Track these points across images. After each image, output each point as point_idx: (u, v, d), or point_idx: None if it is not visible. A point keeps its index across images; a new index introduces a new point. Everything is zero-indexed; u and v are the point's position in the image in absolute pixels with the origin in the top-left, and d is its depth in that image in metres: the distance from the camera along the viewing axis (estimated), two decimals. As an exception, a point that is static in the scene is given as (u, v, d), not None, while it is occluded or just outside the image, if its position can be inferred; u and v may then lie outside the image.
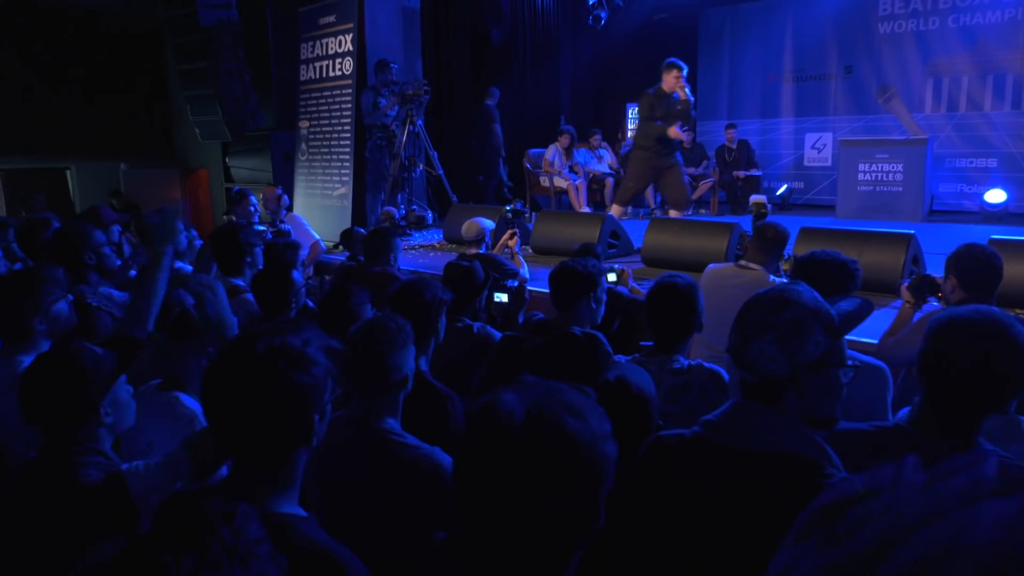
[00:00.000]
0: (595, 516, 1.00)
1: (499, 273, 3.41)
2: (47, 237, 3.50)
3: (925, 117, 9.23)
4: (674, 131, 6.06)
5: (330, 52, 7.59)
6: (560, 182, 8.80)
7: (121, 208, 10.58)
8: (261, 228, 5.41)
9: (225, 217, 6.15)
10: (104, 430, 1.73)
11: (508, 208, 4.88)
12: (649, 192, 9.12)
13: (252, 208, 5.80)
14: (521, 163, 9.41)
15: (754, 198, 4.53)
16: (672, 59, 6.11)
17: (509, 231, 4.85)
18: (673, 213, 6.27)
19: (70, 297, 2.68)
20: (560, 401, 0.97)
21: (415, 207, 7.89)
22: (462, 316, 3.10)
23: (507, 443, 0.94)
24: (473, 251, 4.44)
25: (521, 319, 3.40)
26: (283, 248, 3.78)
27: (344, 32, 7.39)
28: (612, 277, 3.98)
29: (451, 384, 2.42)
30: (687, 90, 6.07)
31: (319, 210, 7.42)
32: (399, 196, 7.66)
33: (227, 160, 9.74)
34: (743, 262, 3.42)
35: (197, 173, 11.88)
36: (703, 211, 9.38)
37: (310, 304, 3.24)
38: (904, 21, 9.22)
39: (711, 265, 3.57)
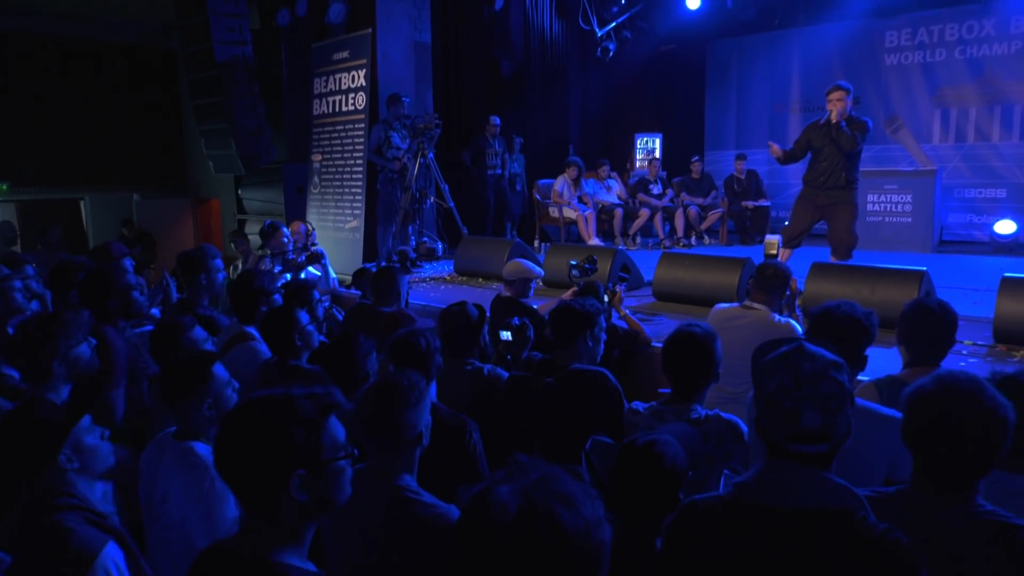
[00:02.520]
0: None
1: (535, 324, 3.36)
2: (78, 280, 3.54)
3: (933, 147, 9.25)
4: (773, 147, 5.47)
5: (343, 87, 7.69)
6: (569, 213, 8.84)
7: (132, 237, 10.72)
8: (292, 256, 5.46)
9: (258, 252, 6.19)
10: (74, 475, 1.78)
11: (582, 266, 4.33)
12: (657, 221, 9.15)
13: (285, 239, 5.84)
14: (531, 194, 9.48)
15: (769, 238, 4.52)
16: (836, 82, 5.43)
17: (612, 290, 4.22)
18: (833, 259, 5.38)
19: (92, 341, 2.71)
20: (552, 491, 0.97)
21: (426, 239, 7.93)
22: (469, 359, 3.11)
23: (499, 540, 0.95)
24: (508, 294, 4.31)
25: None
26: (295, 289, 3.79)
27: (357, 68, 7.49)
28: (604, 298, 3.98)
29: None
30: (839, 112, 5.29)
31: (331, 243, 7.47)
32: (410, 228, 7.70)
33: (239, 192, 9.83)
34: (747, 302, 3.44)
35: (209, 203, 12.01)
36: (712, 241, 9.40)
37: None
38: (911, 52, 9.28)
39: (717, 305, 3.59)
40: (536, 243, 9.19)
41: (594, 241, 8.59)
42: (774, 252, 4.34)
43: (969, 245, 8.51)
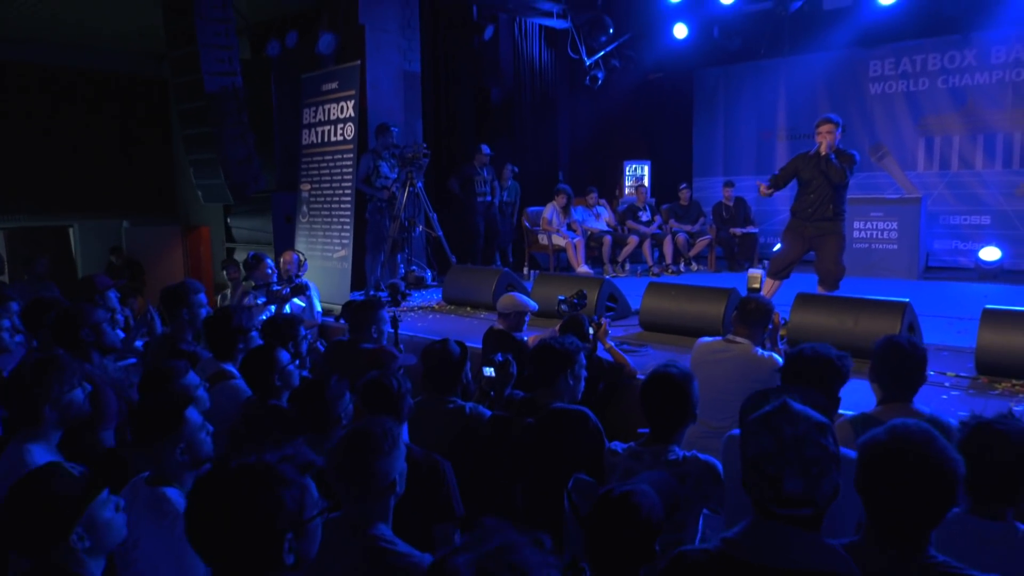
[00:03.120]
0: None
1: (523, 359, 3.35)
2: (50, 318, 3.51)
3: (918, 175, 9.36)
4: (762, 187, 5.59)
5: (332, 117, 7.73)
6: (558, 240, 8.87)
7: (121, 265, 10.68)
8: (277, 288, 5.44)
9: (244, 283, 6.17)
10: (83, 555, 1.68)
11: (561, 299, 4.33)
12: (646, 248, 9.19)
13: (269, 271, 5.82)
14: (520, 221, 9.51)
15: (751, 272, 4.53)
16: (826, 115, 5.43)
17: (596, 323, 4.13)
18: (820, 289, 5.40)
19: (88, 387, 2.67)
20: (506, 562, 0.99)
21: (414, 267, 7.94)
22: (451, 397, 3.09)
23: None
24: (501, 326, 4.30)
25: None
26: (277, 326, 3.76)
27: (346, 99, 7.53)
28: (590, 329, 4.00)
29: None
30: (828, 144, 5.26)
31: (320, 272, 7.46)
32: (399, 257, 7.71)
33: (228, 220, 9.83)
34: (730, 336, 3.45)
35: (199, 230, 11.99)
36: (700, 268, 9.44)
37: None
38: (894, 82, 9.42)
39: (701, 339, 3.59)
40: (525, 270, 9.21)
41: (583, 268, 8.62)
42: (757, 286, 4.37)
43: (955, 271, 8.58)
